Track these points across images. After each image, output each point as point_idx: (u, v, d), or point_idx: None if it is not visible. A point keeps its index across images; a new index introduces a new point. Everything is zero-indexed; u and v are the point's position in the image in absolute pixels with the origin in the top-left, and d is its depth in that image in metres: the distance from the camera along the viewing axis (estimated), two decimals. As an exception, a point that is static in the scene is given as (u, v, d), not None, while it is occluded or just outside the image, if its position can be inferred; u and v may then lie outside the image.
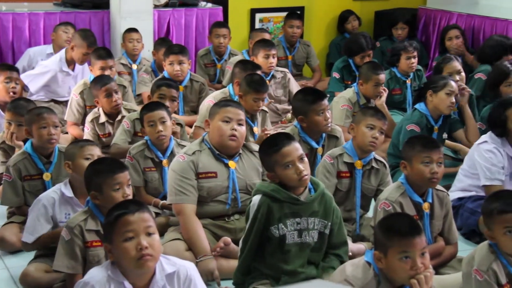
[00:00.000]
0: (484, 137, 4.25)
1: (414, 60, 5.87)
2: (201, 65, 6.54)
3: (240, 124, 3.81)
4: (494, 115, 4.19)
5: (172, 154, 4.19)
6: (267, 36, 6.35)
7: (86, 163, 3.42)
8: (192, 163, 3.76)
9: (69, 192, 3.53)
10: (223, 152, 3.82)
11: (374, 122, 3.85)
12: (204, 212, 3.80)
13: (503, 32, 6.59)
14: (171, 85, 4.82)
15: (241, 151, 3.88)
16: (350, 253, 3.44)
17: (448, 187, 4.10)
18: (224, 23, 6.81)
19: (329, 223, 3.27)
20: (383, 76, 5.25)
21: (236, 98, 4.81)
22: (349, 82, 6.14)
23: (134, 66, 6.26)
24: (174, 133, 4.45)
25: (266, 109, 4.98)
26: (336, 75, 6.36)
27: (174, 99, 4.81)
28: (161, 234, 3.73)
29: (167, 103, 4.63)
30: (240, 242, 3.29)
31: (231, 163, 3.81)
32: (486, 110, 5.08)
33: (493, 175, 4.10)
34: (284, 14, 7.35)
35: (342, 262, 3.27)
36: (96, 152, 3.56)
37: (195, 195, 3.76)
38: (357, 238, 3.90)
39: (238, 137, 3.79)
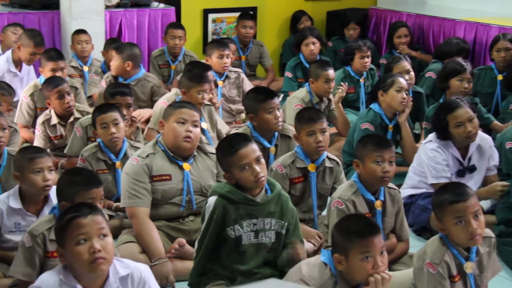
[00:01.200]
0: (430, 137, 4.32)
1: (368, 60, 5.97)
2: (155, 66, 6.50)
3: (195, 126, 3.80)
4: (437, 119, 4.25)
5: (126, 156, 4.16)
6: None
7: (36, 177, 3.38)
8: (146, 166, 3.74)
9: (16, 204, 3.46)
10: (178, 154, 3.80)
11: (313, 128, 3.84)
12: (158, 215, 3.78)
13: (450, 31, 6.73)
14: (125, 93, 4.74)
15: (195, 153, 3.87)
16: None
17: (399, 186, 4.16)
18: (180, 24, 6.79)
19: (286, 223, 3.27)
20: (332, 72, 5.29)
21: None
22: (303, 80, 6.19)
23: (86, 68, 6.18)
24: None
25: (210, 103, 4.98)
26: (288, 74, 6.42)
27: (130, 106, 4.75)
28: (115, 237, 3.70)
29: (124, 111, 4.61)
30: (196, 243, 3.28)
31: (185, 165, 3.80)
32: (430, 110, 5.17)
33: (438, 173, 4.18)
34: (237, 14, 7.36)
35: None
36: (46, 163, 3.46)
37: (149, 198, 3.73)
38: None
39: (193, 138, 3.78)
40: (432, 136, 4.30)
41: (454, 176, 4.24)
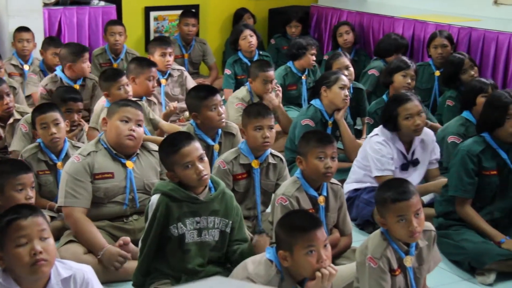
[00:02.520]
0: (375, 130, 4.40)
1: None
2: (96, 65, 6.41)
3: (139, 125, 3.77)
4: (387, 110, 4.34)
5: (67, 156, 4.10)
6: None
7: None
8: (87, 165, 3.69)
9: None
10: (121, 152, 3.77)
11: (261, 123, 3.87)
12: (101, 214, 3.74)
13: (390, 28, 6.85)
14: (77, 99, 4.71)
15: (138, 151, 3.84)
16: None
17: (342, 181, 4.22)
18: (119, 21, 6.72)
19: (230, 222, 3.27)
20: (271, 73, 5.30)
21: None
22: (244, 77, 6.21)
23: (26, 67, 6.06)
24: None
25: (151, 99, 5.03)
26: (227, 71, 6.44)
27: (81, 111, 4.73)
28: (57, 238, 3.66)
29: (75, 117, 4.54)
30: (140, 242, 3.25)
31: (128, 163, 3.77)
32: (373, 106, 5.27)
33: (383, 166, 4.26)
34: (179, 12, 7.33)
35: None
36: None
37: (87, 199, 3.69)
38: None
39: (136, 137, 3.76)
40: (378, 130, 4.37)
41: (398, 169, 4.32)
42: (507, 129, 3.84)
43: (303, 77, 6.09)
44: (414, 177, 4.35)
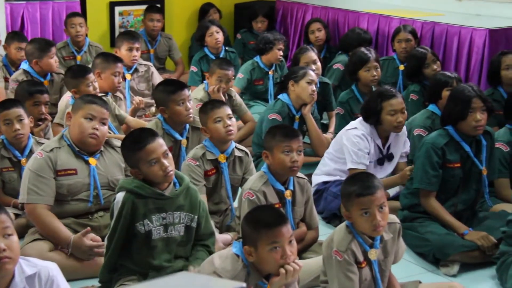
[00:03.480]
0: (354, 123, 4.40)
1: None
2: (60, 58, 6.34)
3: (103, 123, 3.74)
4: (370, 104, 4.32)
5: (31, 153, 4.04)
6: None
7: None
8: (49, 160, 3.65)
9: None
10: (83, 149, 3.74)
11: (219, 114, 3.87)
12: (65, 211, 3.71)
13: (354, 22, 6.90)
14: (43, 91, 4.66)
15: (102, 148, 3.81)
16: (222, 244, 3.48)
17: (308, 176, 4.23)
18: (78, 13, 6.66)
19: (196, 217, 3.27)
20: (230, 73, 5.24)
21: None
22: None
23: (-10, 63, 5.98)
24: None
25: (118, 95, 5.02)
26: (193, 68, 6.42)
27: (47, 103, 4.69)
28: (22, 236, 3.62)
29: (43, 109, 4.48)
30: (106, 239, 3.24)
31: (91, 160, 3.74)
32: (344, 96, 5.28)
33: (359, 159, 4.28)
34: (144, 7, 7.28)
35: (210, 252, 3.31)
36: None
37: (50, 195, 3.64)
38: (224, 229, 3.95)
39: (99, 136, 3.72)
40: (357, 123, 4.39)
41: (373, 164, 4.36)
42: (470, 122, 3.89)
43: (270, 72, 6.10)
44: (388, 171, 4.42)
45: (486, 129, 3.99)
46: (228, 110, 3.93)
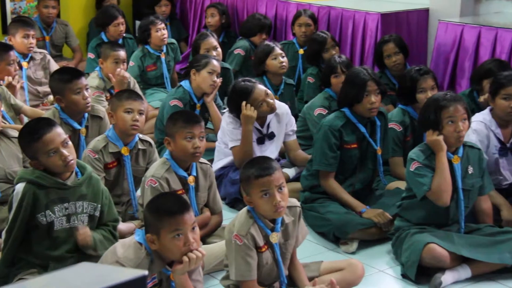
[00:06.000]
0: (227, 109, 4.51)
1: (164, 32, 6.02)
2: None
3: None
4: (235, 94, 4.42)
5: None
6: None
7: None
8: None
9: None
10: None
11: (131, 105, 3.84)
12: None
13: (253, 8, 6.90)
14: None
15: (-3, 139, 3.71)
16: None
17: (211, 161, 4.28)
18: None
19: (99, 205, 3.24)
20: (122, 53, 5.19)
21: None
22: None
23: None
24: None
25: None
26: (90, 55, 6.30)
27: None
28: None
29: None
30: (3, 233, 3.15)
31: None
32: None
33: (236, 137, 4.38)
34: (38, -8, 7.05)
35: (112, 233, 3.30)
36: None
37: None
38: (128, 218, 3.92)
39: None
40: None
41: (255, 143, 4.44)
42: (365, 105, 4.03)
43: (161, 56, 6.06)
44: (272, 149, 4.50)
45: (379, 110, 4.15)
46: (142, 106, 3.89)
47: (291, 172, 4.58)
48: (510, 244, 3.54)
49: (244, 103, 4.32)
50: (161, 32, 5.95)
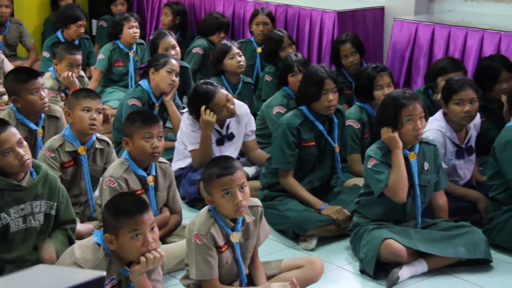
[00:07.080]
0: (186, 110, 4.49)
1: (137, 30, 6.01)
2: None
3: None
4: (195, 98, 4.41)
5: None
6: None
7: None
8: None
9: None
10: None
11: (90, 104, 3.81)
12: None
13: (211, 6, 6.91)
14: None
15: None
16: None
17: (170, 160, 4.26)
18: None
19: (55, 204, 3.21)
20: (78, 57, 5.13)
21: None
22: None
23: None
24: None
25: None
26: (46, 54, 6.22)
27: None
28: None
29: None
30: (-43, 238, 3.10)
31: None
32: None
33: (195, 140, 4.37)
34: (-10, -8, 6.93)
35: (69, 236, 3.27)
36: None
37: None
38: (86, 219, 3.89)
39: None
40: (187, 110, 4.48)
41: (214, 144, 4.44)
42: (323, 103, 4.06)
43: (130, 53, 6.03)
44: (231, 150, 4.51)
45: (337, 108, 4.19)
46: (100, 105, 3.86)
47: (250, 170, 4.59)
48: (465, 238, 3.62)
49: (203, 108, 4.31)
50: (134, 30, 5.94)
